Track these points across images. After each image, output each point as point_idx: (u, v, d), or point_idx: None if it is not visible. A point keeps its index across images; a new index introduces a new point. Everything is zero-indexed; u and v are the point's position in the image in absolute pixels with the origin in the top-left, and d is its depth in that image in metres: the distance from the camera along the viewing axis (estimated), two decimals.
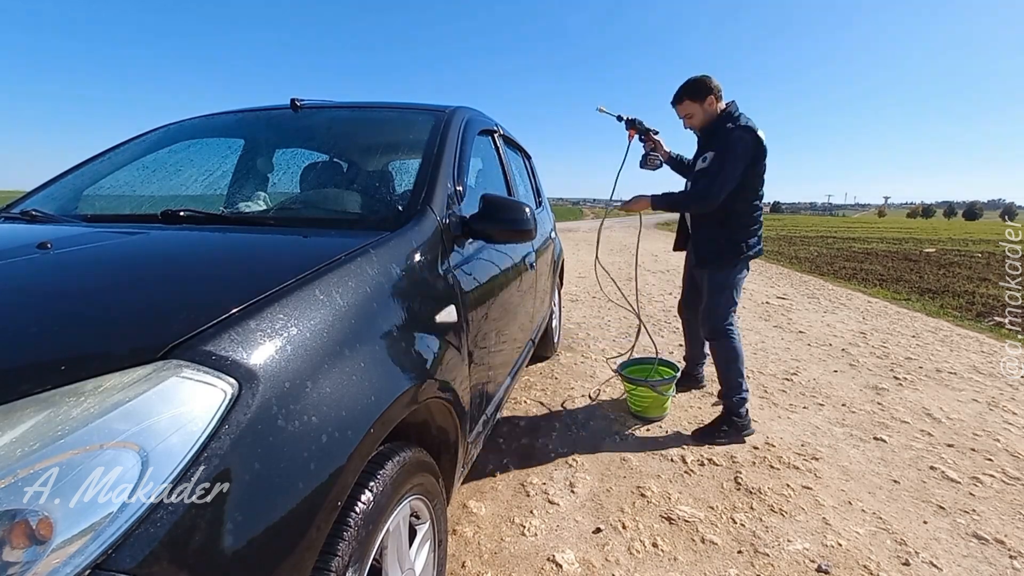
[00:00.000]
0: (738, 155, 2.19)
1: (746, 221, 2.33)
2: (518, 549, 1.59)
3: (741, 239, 2.32)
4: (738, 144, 2.20)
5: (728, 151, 2.21)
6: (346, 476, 0.74)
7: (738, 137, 2.20)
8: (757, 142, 2.21)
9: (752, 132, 2.21)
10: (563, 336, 4.00)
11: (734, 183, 2.21)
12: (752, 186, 2.27)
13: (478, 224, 1.38)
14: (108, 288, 0.85)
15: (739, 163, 2.19)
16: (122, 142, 1.86)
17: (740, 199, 2.27)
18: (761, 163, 2.24)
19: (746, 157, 2.19)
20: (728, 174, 2.20)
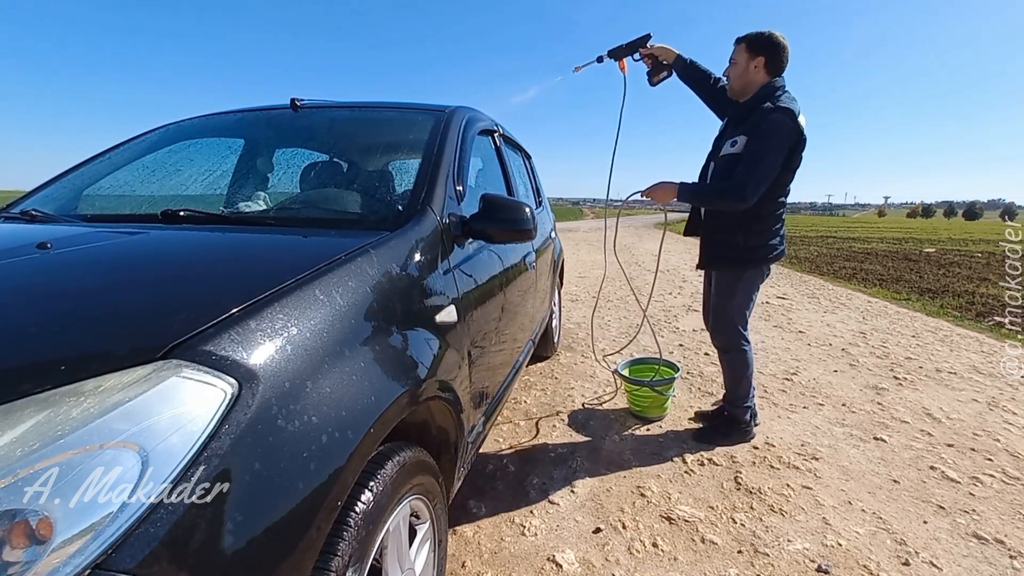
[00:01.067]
0: (777, 144, 1.85)
1: (768, 222, 2.01)
2: (518, 549, 1.59)
3: (760, 242, 2.01)
4: (777, 130, 1.85)
5: (767, 138, 1.86)
6: (346, 476, 0.74)
7: (777, 121, 1.85)
8: (797, 129, 1.87)
9: (792, 116, 1.85)
10: (563, 336, 4.00)
11: (771, 179, 1.88)
12: (781, 181, 1.95)
13: (478, 224, 1.38)
14: (108, 288, 0.85)
15: (779, 153, 1.86)
16: (122, 142, 1.86)
17: (766, 196, 1.92)
18: (797, 155, 1.92)
19: (783, 147, 1.86)
20: (767, 167, 1.86)
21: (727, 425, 2.30)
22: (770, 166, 1.85)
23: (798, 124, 1.86)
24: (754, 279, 2.11)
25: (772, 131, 1.85)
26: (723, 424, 2.32)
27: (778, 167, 1.87)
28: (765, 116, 1.87)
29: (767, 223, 2.01)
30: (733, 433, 2.28)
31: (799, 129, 1.86)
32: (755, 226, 2.00)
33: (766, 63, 1.94)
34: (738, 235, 2.02)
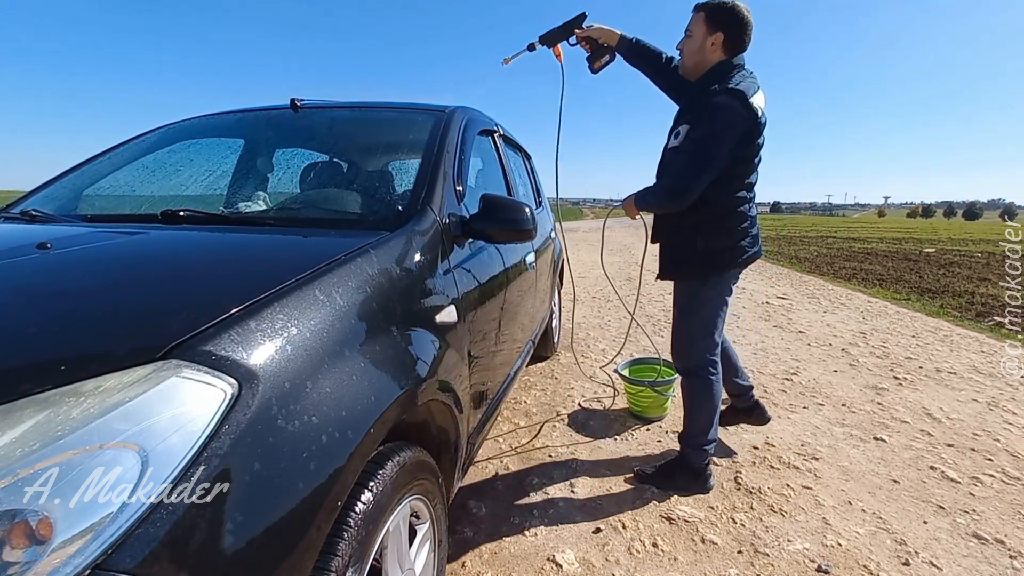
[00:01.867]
0: (719, 131, 1.60)
1: (728, 222, 1.73)
2: (518, 549, 1.59)
3: (723, 245, 1.74)
4: (719, 115, 1.59)
5: (708, 126, 1.62)
6: (346, 476, 0.74)
7: (721, 106, 1.59)
8: (748, 112, 1.59)
9: (741, 98, 1.58)
10: (563, 336, 4.01)
11: (715, 171, 1.62)
12: (738, 173, 1.69)
13: (478, 224, 1.38)
14: (108, 288, 0.85)
15: (721, 141, 1.59)
16: (122, 142, 1.86)
17: (721, 191, 1.68)
18: (752, 143, 1.65)
19: (731, 133, 1.59)
20: (708, 159, 1.60)
21: (676, 467, 1.92)
22: (710, 158, 1.60)
23: (751, 107, 1.58)
24: (719, 289, 1.80)
25: (714, 117, 1.60)
26: (671, 465, 1.94)
27: (723, 158, 1.61)
28: (710, 100, 1.62)
29: (729, 222, 1.73)
30: (682, 478, 1.89)
31: (753, 113, 1.59)
32: (714, 226, 1.73)
33: (725, 40, 1.67)
34: (696, 238, 1.75)
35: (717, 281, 1.79)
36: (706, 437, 1.87)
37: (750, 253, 1.79)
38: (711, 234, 1.74)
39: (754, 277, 7.66)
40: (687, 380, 1.90)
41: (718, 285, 1.80)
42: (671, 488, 1.89)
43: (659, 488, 1.90)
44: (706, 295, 1.81)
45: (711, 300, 1.81)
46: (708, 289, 1.80)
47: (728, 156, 1.62)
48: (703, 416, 1.88)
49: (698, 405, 1.88)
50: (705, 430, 1.87)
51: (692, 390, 1.90)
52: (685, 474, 1.89)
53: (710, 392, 1.86)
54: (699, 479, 1.89)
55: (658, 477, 1.93)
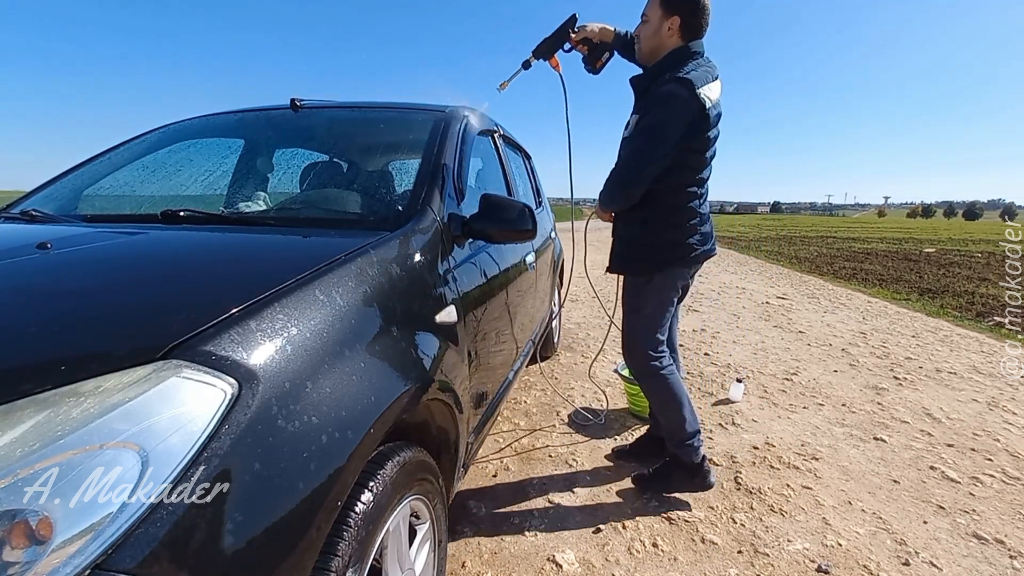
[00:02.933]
0: (664, 120, 1.54)
1: (676, 217, 1.66)
2: (518, 549, 1.59)
3: (669, 240, 1.67)
4: (665, 103, 1.54)
5: (653, 113, 1.57)
6: (346, 476, 0.74)
7: (666, 94, 1.54)
8: (695, 102, 1.52)
9: (688, 86, 1.51)
10: (563, 336, 4.00)
11: (661, 160, 1.56)
12: (688, 164, 1.62)
13: (478, 224, 1.38)
14: (108, 288, 0.85)
15: (666, 130, 1.53)
16: (122, 142, 1.86)
17: (670, 184, 1.62)
18: (700, 135, 1.58)
19: (677, 122, 1.53)
20: (649, 147, 1.55)
21: (671, 468, 1.86)
22: (656, 147, 1.54)
23: (697, 97, 1.51)
24: (664, 286, 1.72)
25: (658, 106, 1.55)
26: (666, 467, 1.87)
27: (669, 148, 1.54)
28: (657, 88, 1.58)
29: (676, 217, 1.66)
30: (679, 478, 1.83)
31: (699, 103, 1.52)
32: (662, 221, 1.67)
33: (681, 25, 1.60)
34: (642, 232, 1.70)
35: (662, 278, 1.72)
36: (685, 431, 1.79)
37: (700, 251, 1.71)
38: (658, 229, 1.68)
39: (754, 277, 7.66)
40: (642, 381, 1.85)
41: (663, 282, 1.73)
42: (671, 490, 1.86)
43: (659, 492, 1.86)
44: (650, 292, 1.74)
45: (654, 297, 1.74)
46: (652, 286, 1.73)
47: (675, 146, 1.56)
48: (672, 412, 1.79)
49: (662, 403, 1.81)
50: (681, 425, 1.78)
51: (650, 389, 1.83)
52: (681, 473, 1.83)
53: (667, 385, 1.78)
54: (697, 476, 1.81)
55: (655, 480, 1.88)
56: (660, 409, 1.83)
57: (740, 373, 3.15)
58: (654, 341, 1.78)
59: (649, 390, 1.84)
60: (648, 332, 1.77)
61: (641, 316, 1.77)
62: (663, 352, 1.80)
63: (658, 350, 1.78)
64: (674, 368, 1.82)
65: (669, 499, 1.85)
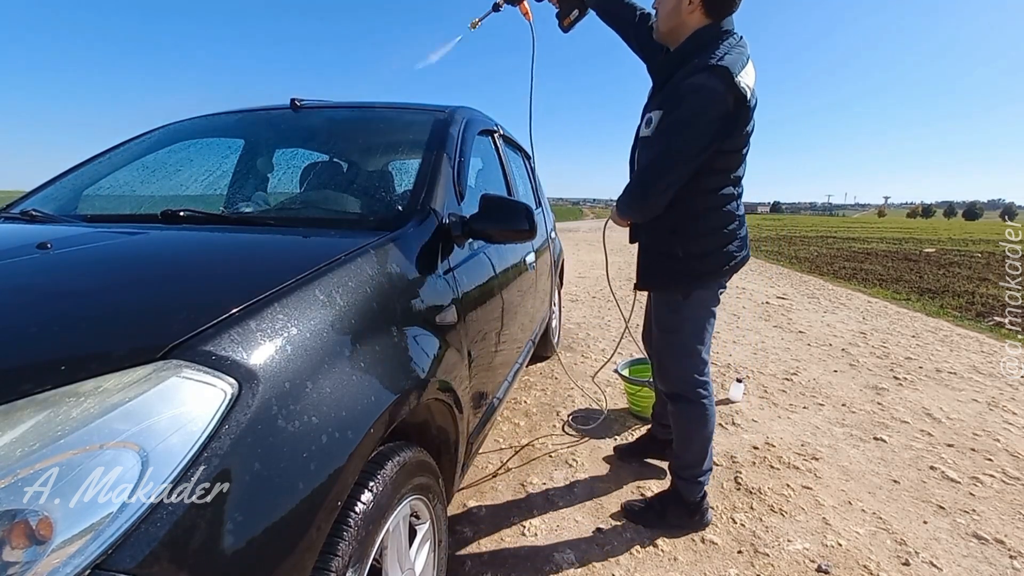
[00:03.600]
0: (695, 120, 1.33)
1: (712, 222, 1.47)
2: (518, 549, 1.59)
3: (706, 250, 1.48)
4: (696, 99, 1.32)
5: (681, 111, 1.35)
6: (346, 476, 0.74)
7: (698, 86, 1.32)
8: (733, 93, 1.31)
9: (725, 76, 1.30)
10: (563, 336, 4.00)
11: (689, 168, 1.37)
12: (720, 167, 1.42)
13: (478, 224, 1.38)
14: (108, 288, 0.85)
15: (697, 133, 1.33)
16: (122, 142, 1.86)
17: (701, 187, 1.43)
18: (739, 130, 1.38)
19: (710, 122, 1.32)
20: (676, 154, 1.35)
21: (668, 502, 1.70)
22: (683, 153, 1.35)
23: (736, 87, 1.30)
24: (704, 302, 1.54)
25: (690, 101, 1.33)
26: (661, 500, 1.73)
27: (699, 151, 1.35)
28: (686, 80, 1.35)
29: (712, 224, 1.47)
30: (675, 514, 1.67)
31: (738, 94, 1.31)
32: (694, 229, 1.47)
33: (704, 2, 1.39)
34: (674, 243, 1.49)
35: (701, 294, 1.53)
36: (701, 468, 1.64)
37: (738, 259, 1.52)
38: (691, 239, 1.48)
39: (754, 277, 7.66)
40: (675, 405, 1.65)
41: (703, 298, 1.53)
42: (662, 527, 1.67)
43: (648, 527, 1.67)
44: (689, 310, 1.54)
45: (695, 315, 1.55)
46: (691, 303, 1.53)
47: (706, 149, 1.35)
48: (696, 444, 1.63)
49: (689, 432, 1.64)
50: (700, 460, 1.64)
51: (681, 415, 1.64)
52: (678, 510, 1.68)
53: (703, 416, 1.61)
54: (695, 516, 1.67)
55: (648, 514, 1.71)
56: (685, 439, 1.64)
57: (740, 373, 3.15)
58: (699, 361, 1.59)
59: (680, 415, 1.64)
60: (691, 352, 1.57)
61: (681, 336, 1.57)
62: (707, 375, 1.61)
63: (703, 372, 1.60)
64: (712, 398, 1.63)
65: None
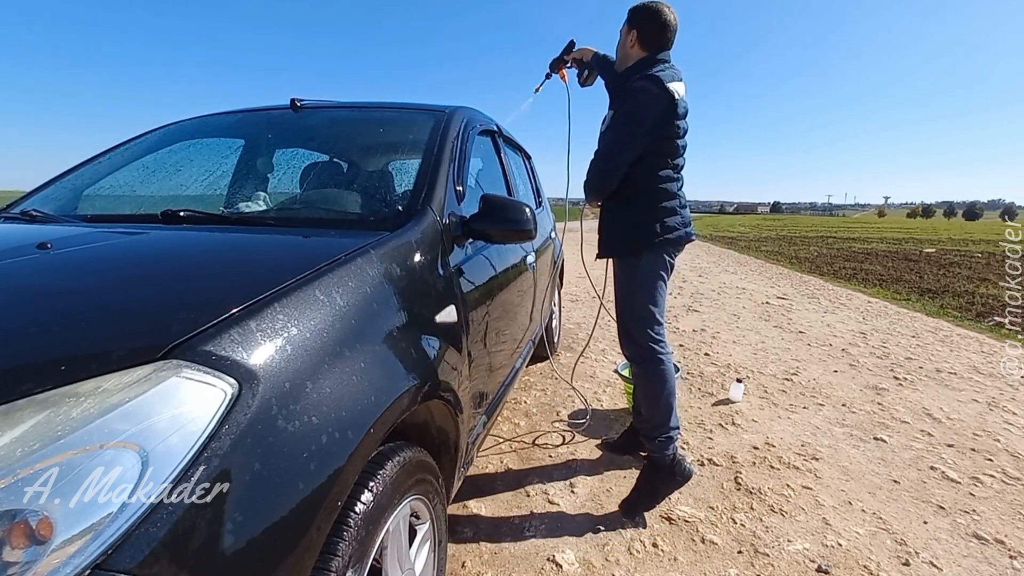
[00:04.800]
0: (636, 109, 1.67)
1: (657, 196, 1.75)
2: (518, 549, 1.59)
3: (654, 219, 1.75)
4: (637, 96, 1.67)
5: (626, 104, 1.71)
6: (346, 476, 0.74)
7: (637, 89, 1.67)
8: (663, 93, 1.65)
9: (657, 81, 1.65)
10: (563, 336, 4.00)
11: (637, 146, 1.68)
12: (661, 151, 1.73)
13: (478, 224, 1.38)
14: (108, 288, 0.85)
15: (639, 119, 1.66)
16: (122, 142, 1.86)
17: (647, 169, 1.73)
18: (670, 124, 1.70)
19: (648, 111, 1.66)
20: (625, 138, 1.68)
21: (650, 476, 1.82)
22: (630, 134, 1.67)
23: (666, 89, 1.64)
24: (654, 266, 1.78)
25: (632, 97, 1.68)
26: (644, 478, 1.83)
27: (644, 134, 1.66)
28: (629, 85, 1.72)
29: (655, 197, 1.75)
30: (662, 482, 1.79)
31: (669, 95, 1.65)
32: (642, 200, 1.76)
33: (639, 37, 1.77)
34: (627, 213, 1.78)
35: (652, 256, 1.77)
36: (668, 425, 1.77)
37: (681, 232, 1.78)
38: (641, 208, 1.76)
39: (754, 277, 7.66)
40: (638, 367, 1.82)
41: (654, 260, 1.77)
42: (660, 500, 1.80)
43: (650, 509, 1.78)
44: (642, 272, 1.77)
45: (647, 277, 1.77)
46: (643, 265, 1.77)
47: (648, 133, 1.67)
48: (661, 402, 1.77)
49: (654, 391, 1.78)
50: (667, 418, 1.77)
51: (644, 375, 1.80)
52: (661, 477, 1.79)
53: (663, 374, 1.77)
54: (676, 472, 1.78)
55: (642, 498, 1.80)
56: (651, 397, 1.79)
57: (740, 373, 3.15)
58: (654, 321, 1.78)
59: (645, 376, 1.80)
60: (647, 312, 1.77)
61: (638, 296, 1.79)
62: (662, 335, 1.80)
63: (657, 332, 1.78)
64: (669, 355, 1.81)
65: (670, 499, 1.85)
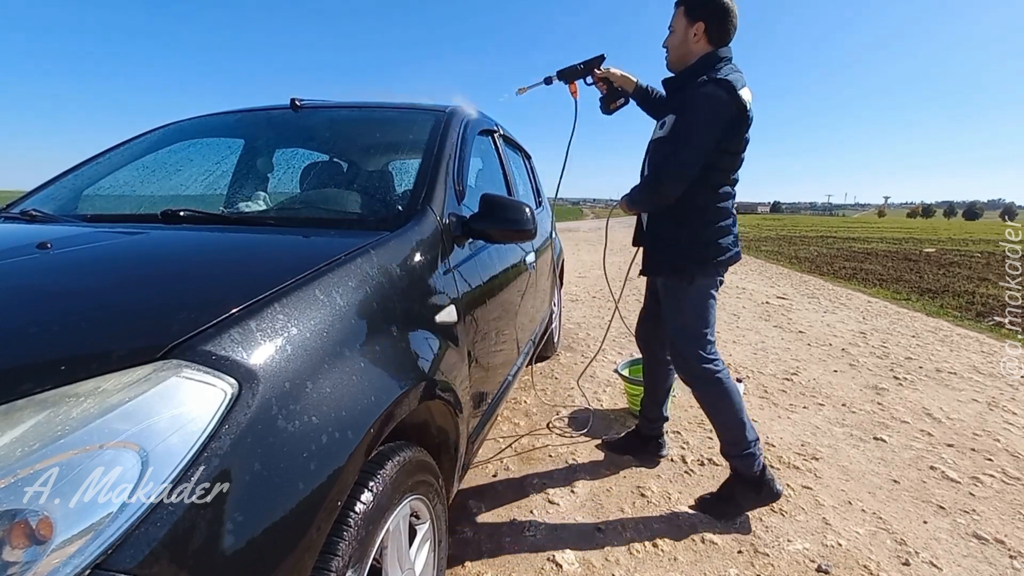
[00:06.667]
0: (705, 119, 1.55)
1: (712, 215, 1.67)
2: (518, 549, 1.59)
3: (707, 239, 1.67)
4: (707, 104, 1.55)
5: (694, 113, 1.57)
6: (346, 476, 0.74)
7: (707, 95, 1.55)
8: (736, 103, 1.54)
9: (728, 87, 1.53)
10: (563, 336, 4.00)
11: (701, 160, 1.57)
12: (722, 166, 1.63)
13: (478, 224, 1.38)
14: (108, 288, 0.85)
15: (707, 130, 1.55)
16: (122, 142, 1.86)
17: (704, 185, 1.63)
18: (739, 135, 1.60)
19: (717, 122, 1.55)
20: (695, 148, 1.56)
21: (733, 486, 1.76)
22: (698, 147, 1.55)
23: (738, 98, 1.54)
24: (705, 287, 1.71)
25: (701, 105, 1.56)
26: (728, 487, 1.78)
27: (709, 147, 1.56)
28: (696, 90, 1.58)
29: (711, 216, 1.67)
30: (743, 495, 1.73)
31: (740, 104, 1.54)
32: (697, 219, 1.67)
33: (707, 30, 1.63)
34: (680, 231, 1.68)
35: (702, 280, 1.70)
36: (746, 440, 1.70)
37: (731, 253, 1.71)
38: (694, 227, 1.67)
39: (754, 277, 7.66)
40: (696, 389, 1.75)
41: (703, 284, 1.70)
42: (739, 511, 1.73)
43: (725, 518, 1.72)
44: (693, 294, 1.71)
45: (698, 299, 1.71)
46: (694, 288, 1.70)
47: (714, 146, 1.57)
48: (731, 419, 1.71)
49: (719, 410, 1.73)
50: (740, 432, 1.71)
51: (706, 396, 1.74)
52: (745, 489, 1.73)
53: (724, 392, 1.71)
54: (762, 489, 1.71)
55: (722, 503, 1.75)
56: (716, 416, 1.74)
57: (740, 373, 3.15)
58: (704, 342, 1.71)
59: (703, 397, 1.75)
60: (697, 333, 1.71)
61: (687, 317, 1.72)
62: (715, 354, 1.73)
63: (709, 352, 1.72)
64: (725, 369, 1.74)
65: (670, 498, 1.85)
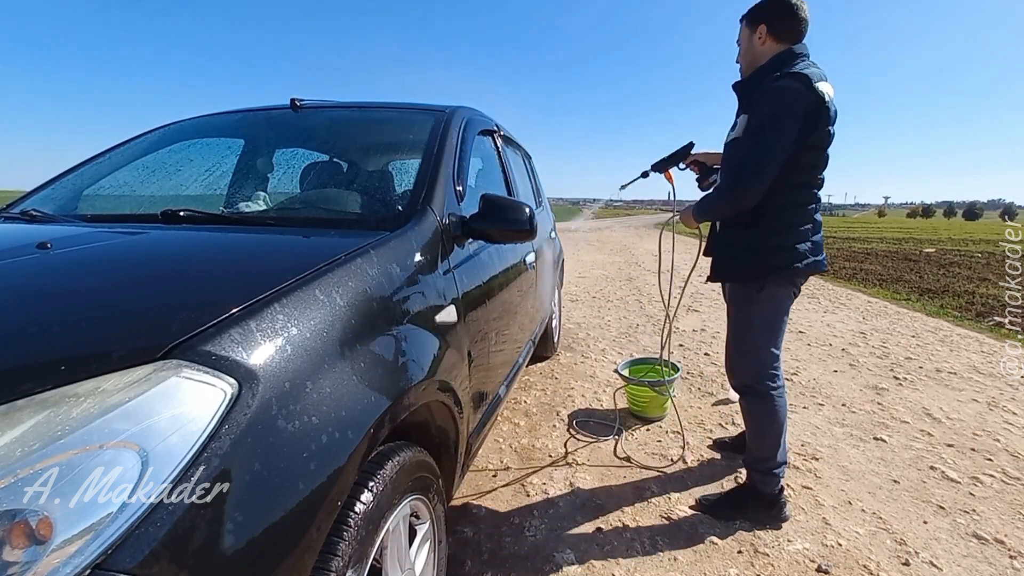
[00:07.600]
0: (781, 114, 1.45)
1: (790, 217, 1.55)
2: (518, 549, 1.59)
3: (781, 243, 1.55)
4: (781, 97, 1.46)
5: (768, 108, 1.48)
6: (346, 476, 0.74)
7: (781, 88, 1.46)
8: (813, 93, 1.44)
9: (804, 80, 1.44)
10: (563, 336, 4.00)
11: (780, 159, 1.46)
12: (801, 163, 1.50)
13: (478, 224, 1.38)
14: (108, 288, 0.85)
15: (784, 125, 1.44)
16: (122, 142, 1.86)
17: (784, 182, 1.51)
18: (819, 129, 1.48)
19: (794, 115, 1.44)
20: (770, 145, 1.45)
21: (745, 495, 1.75)
22: (773, 143, 1.45)
23: (815, 90, 1.44)
24: (777, 297, 1.61)
25: (774, 99, 1.47)
26: (738, 492, 1.77)
27: (787, 143, 1.45)
28: (768, 85, 1.51)
29: (788, 218, 1.55)
30: (752, 507, 1.71)
31: (818, 96, 1.44)
32: (773, 222, 1.55)
33: (769, 30, 1.57)
34: (751, 234, 1.58)
35: (774, 289, 1.60)
36: (775, 460, 1.68)
37: (811, 260, 1.57)
38: (770, 232, 1.56)
39: None
40: (744, 398, 1.72)
41: (776, 290, 1.61)
42: (739, 518, 1.71)
43: (724, 519, 1.71)
44: (762, 303, 1.62)
45: (767, 309, 1.62)
46: (765, 294, 1.60)
47: (793, 142, 1.45)
48: (768, 437, 1.67)
49: (760, 426, 1.69)
50: (772, 453, 1.68)
51: (751, 409, 1.71)
52: (756, 503, 1.71)
53: (773, 409, 1.65)
54: (773, 508, 1.69)
55: (724, 507, 1.74)
56: (755, 430, 1.71)
57: None
58: (769, 356, 1.65)
59: (751, 408, 1.71)
60: (760, 346, 1.65)
61: (754, 328, 1.64)
62: (777, 368, 1.67)
63: (773, 367, 1.66)
64: (783, 390, 1.69)
65: (670, 499, 1.86)
